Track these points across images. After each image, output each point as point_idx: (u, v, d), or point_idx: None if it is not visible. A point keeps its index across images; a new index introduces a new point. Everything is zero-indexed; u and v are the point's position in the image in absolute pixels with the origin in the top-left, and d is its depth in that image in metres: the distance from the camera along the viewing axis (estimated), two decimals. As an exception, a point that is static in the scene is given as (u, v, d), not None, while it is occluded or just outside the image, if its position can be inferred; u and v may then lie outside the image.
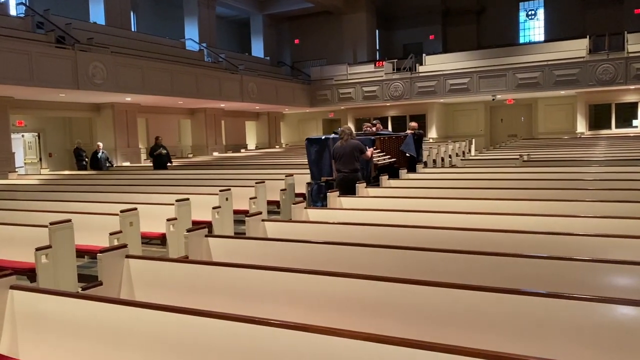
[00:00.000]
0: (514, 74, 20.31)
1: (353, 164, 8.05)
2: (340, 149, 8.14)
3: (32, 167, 17.71)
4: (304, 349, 2.31)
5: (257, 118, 25.34)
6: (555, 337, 2.55)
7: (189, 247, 4.17)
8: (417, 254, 3.67)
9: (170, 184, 9.40)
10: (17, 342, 3.02)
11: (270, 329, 2.40)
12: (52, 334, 2.94)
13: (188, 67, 17.66)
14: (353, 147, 8.16)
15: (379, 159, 9.84)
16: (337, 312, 3.06)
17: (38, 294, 3.04)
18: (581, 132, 20.73)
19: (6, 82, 11.80)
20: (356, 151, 8.11)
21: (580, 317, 2.52)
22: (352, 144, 8.16)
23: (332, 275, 3.16)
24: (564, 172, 7.94)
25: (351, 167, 8.05)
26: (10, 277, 3.09)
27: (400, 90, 22.38)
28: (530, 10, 27.26)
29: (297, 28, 28.78)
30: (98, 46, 14.48)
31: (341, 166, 8.08)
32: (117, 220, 5.71)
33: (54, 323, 2.94)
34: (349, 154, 8.06)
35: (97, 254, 3.53)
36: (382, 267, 3.55)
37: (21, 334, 3.02)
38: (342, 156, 8.08)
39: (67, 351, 2.89)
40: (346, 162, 8.07)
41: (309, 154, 9.44)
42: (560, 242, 3.86)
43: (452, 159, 15.51)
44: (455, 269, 3.48)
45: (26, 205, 7.44)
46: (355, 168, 8.07)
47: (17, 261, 5.29)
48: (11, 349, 3.03)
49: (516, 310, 2.64)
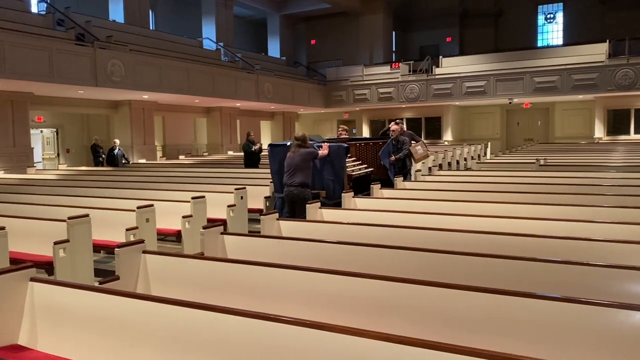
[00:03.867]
0: (532, 78, 20.12)
1: (301, 177, 6.80)
2: (288, 159, 6.95)
3: (50, 163, 17.95)
4: (319, 347, 2.32)
5: (272, 118, 25.41)
6: (571, 342, 2.54)
7: (205, 244, 4.20)
8: (431, 255, 3.66)
9: (185, 182, 9.47)
10: (36, 333, 3.07)
11: (285, 327, 2.42)
12: (70, 327, 2.98)
13: (205, 66, 17.77)
14: (302, 157, 6.86)
15: (354, 168, 8.52)
16: (350, 311, 3.07)
17: (57, 287, 3.09)
18: (599, 137, 20.48)
19: (27, 78, 11.97)
20: (306, 161, 6.86)
21: (596, 322, 2.50)
22: (301, 152, 6.88)
23: (346, 275, 3.17)
24: (581, 177, 7.87)
25: (299, 180, 6.79)
26: (30, 269, 3.15)
27: (416, 92, 22.30)
28: (549, 14, 27.02)
29: (314, 28, 28.82)
30: (117, 44, 14.64)
31: (288, 179, 6.88)
32: (134, 216, 5.78)
33: (72, 315, 2.99)
34: (297, 164, 6.82)
35: (115, 249, 3.58)
36: (396, 268, 3.55)
37: (40, 326, 3.08)
38: (289, 168, 6.88)
39: (84, 343, 2.94)
40: (293, 175, 6.83)
41: (271, 162, 7.99)
42: (576, 247, 3.83)
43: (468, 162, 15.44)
44: (470, 272, 3.47)
45: (44, 199, 7.55)
46: (304, 182, 6.82)
47: (35, 254, 5.37)
48: (30, 341, 3.08)
49: (531, 314, 2.63)
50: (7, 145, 13.50)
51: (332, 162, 7.66)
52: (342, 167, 7.72)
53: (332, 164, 7.70)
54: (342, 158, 7.71)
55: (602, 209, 5.22)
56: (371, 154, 9.50)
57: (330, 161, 7.66)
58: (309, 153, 6.91)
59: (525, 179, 7.88)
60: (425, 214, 5.33)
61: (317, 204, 5.69)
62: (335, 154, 7.59)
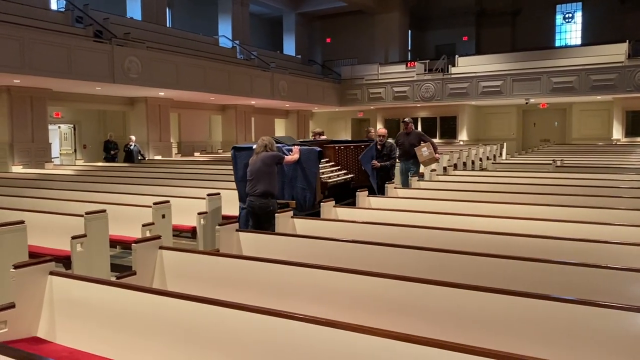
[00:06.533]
0: (549, 78, 19.92)
1: (264, 185, 5.99)
2: (250, 165, 6.18)
3: (67, 158, 18.16)
4: (330, 344, 2.34)
5: (287, 116, 25.46)
6: (585, 344, 2.52)
7: (220, 240, 4.25)
8: (444, 256, 3.66)
9: (200, 179, 9.54)
10: (55, 326, 3.13)
11: (297, 324, 2.45)
12: (88, 320, 3.04)
13: (221, 63, 17.86)
14: (264, 162, 6.04)
15: (331, 175, 7.48)
16: (362, 309, 3.09)
17: (76, 281, 3.14)
18: (617, 138, 20.23)
19: (46, 74, 12.12)
20: (268, 166, 6.04)
21: (612, 325, 2.48)
22: (262, 157, 6.08)
23: (358, 273, 3.18)
24: (598, 179, 7.78)
25: (260, 189, 5.99)
26: (49, 263, 3.21)
27: (432, 92, 22.20)
28: (568, 13, 26.71)
29: (329, 27, 28.80)
30: (134, 41, 14.77)
31: (249, 188, 6.12)
32: (150, 212, 5.84)
33: (90, 309, 3.04)
34: (258, 171, 6.02)
35: (132, 244, 3.63)
36: (409, 268, 3.55)
37: (58, 319, 3.13)
38: (251, 175, 6.12)
39: (101, 336, 2.99)
40: (254, 183, 6.04)
41: (235, 167, 6.97)
42: (592, 249, 3.81)
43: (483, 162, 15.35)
44: (483, 273, 3.46)
45: (62, 194, 7.66)
46: (266, 191, 6.00)
47: (53, 248, 5.46)
48: (49, 333, 3.14)
49: (545, 316, 2.62)
50: (26, 140, 13.70)
51: (303, 168, 6.76)
52: (314, 174, 6.75)
53: (304, 170, 6.78)
54: (314, 163, 6.76)
55: (619, 212, 5.16)
56: (352, 159, 8.41)
57: (301, 167, 6.77)
58: (272, 157, 6.11)
59: (541, 180, 7.82)
60: (440, 214, 5.32)
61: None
62: (305, 159, 6.69)
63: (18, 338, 3.03)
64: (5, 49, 11.21)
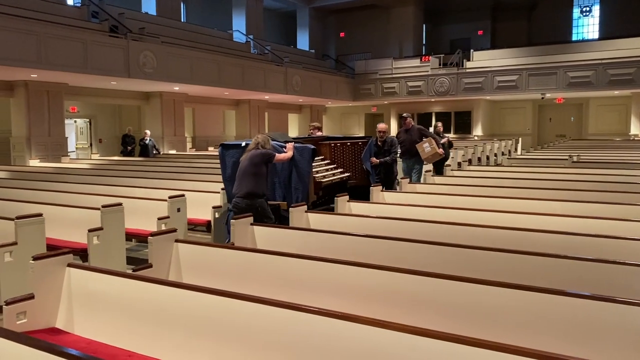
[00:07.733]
0: (565, 72, 19.69)
1: (249, 185, 5.57)
2: (240, 164, 5.80)
3: (83, 152, 18.35)
4: (343, 337, 2.35)
5: (300, 111, 25.47)
6: (601, 340, 2.51)
7: (235, 234, 4.28)
8: (459, 251, 3.65)
9: (215, 173, 9.58)
10: (73, 317, 3.18)
11: (311, 316, 2.46)
12: (105, 312, 3.08)
13: (235, 58, 17.90)
14: (251, 160, 5.65)
15: (325, 174, 7.07)
16: (377, 303, 3.09)
17: (94, 273, 3.18)
18: (635, 134, 19.96)
19: (62, 69, 12.24)
20: (255, 165, 5.61)
21: (629, 321, 2.46)
22: (251, 155, 5.70)
23: (374, 267, 3.19)
24: (615, 175, 7.70)
25: (246, 189, 5.57)
26: (67, 255, 3.25)
27: (446, 86, 22.06)
28: (585, 7, 26.33)
29: (343, 21, 28.69)
30: (149, 36, 14.85)
31: (235, 188, 5.74)
32: (165, 206, 5.89)
33: (107, 301, 3.08)
34: (245, 170, 5.64)
35: (148, 237, 3.67)
36: (423, 262, 3.55)
37: (76, 310, 3.18)
38: (238, 174, 5.77)
39: (118, 328, 3.03)
40: (239, 183, 5.68)
41: (223, 166, 6.54)
42: (609, 245, 3.78)
43: (498, 157, 15.25)
44: (499, 268, 3.45)
45: (79, 188, 7.74)
46: (252, 192, 5.55)
47: (69, 241, 5.53)
48: (67, 324, 3.18)
49: (562, 312, 2.61)
50: (43, 134, 13.87)
51: (295, 166, 6.37)
52: (307, 173, 6.35)
53: (297, 169, 6.39)
54: (307, 162, 6.35)
55: (635, 208, 5.10)
56: (349, 156, 7.91)
57: (295, 166, 6.38)
58: (261, 155, 5.67)
59: (557, 176, 7.75)
60: (454, 209, 5.31)
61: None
62: (298, 157, 6.31)
63: (37, 329, 3.08)
64: (22, 44, 11.34)
